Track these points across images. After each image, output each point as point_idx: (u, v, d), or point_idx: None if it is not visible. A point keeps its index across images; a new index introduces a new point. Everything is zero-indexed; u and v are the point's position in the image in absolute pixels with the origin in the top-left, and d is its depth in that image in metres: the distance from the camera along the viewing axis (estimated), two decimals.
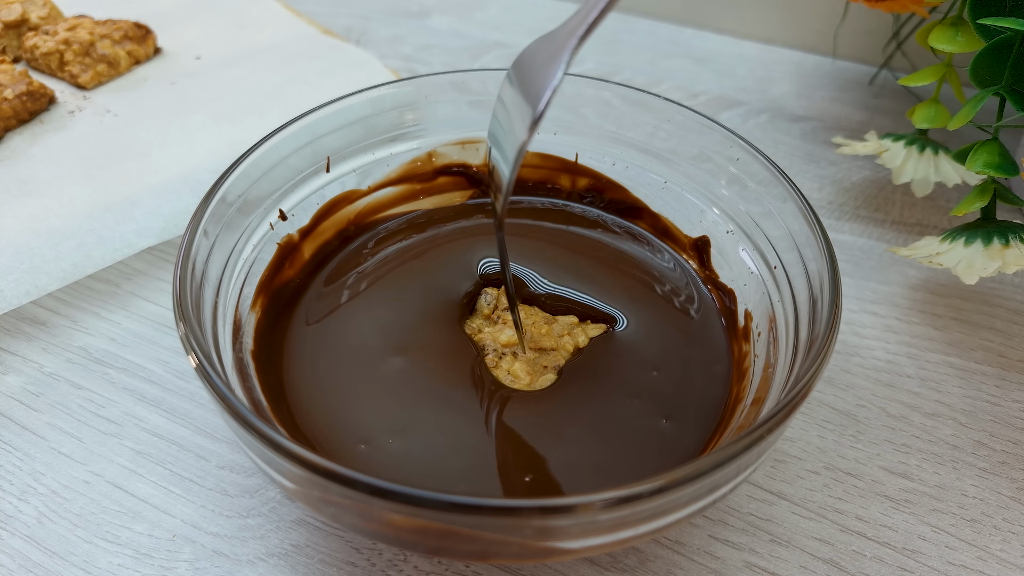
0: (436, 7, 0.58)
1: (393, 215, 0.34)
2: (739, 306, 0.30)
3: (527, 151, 0.35)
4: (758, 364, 0.27)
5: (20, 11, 0.46)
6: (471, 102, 0.34)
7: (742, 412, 0.26)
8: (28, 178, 0.37)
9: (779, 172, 0.28)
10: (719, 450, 0.20)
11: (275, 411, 0.26)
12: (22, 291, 0.33)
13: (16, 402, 0.31)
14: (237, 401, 0.21)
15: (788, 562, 0.26)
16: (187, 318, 0.23)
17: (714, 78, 0.50)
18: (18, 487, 0.28)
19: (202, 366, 0.22)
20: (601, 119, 0.33)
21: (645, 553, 0.26)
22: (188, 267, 0.24)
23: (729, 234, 0.30)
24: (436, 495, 0.19)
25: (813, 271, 0.25)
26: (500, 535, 0.20)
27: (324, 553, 0.26)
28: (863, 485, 0.28)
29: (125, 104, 0.42)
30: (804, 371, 0.22)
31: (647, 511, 0.20)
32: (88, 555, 0.26)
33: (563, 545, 0.21)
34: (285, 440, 0.20)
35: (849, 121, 0.47)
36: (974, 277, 0.31)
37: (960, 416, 0.31)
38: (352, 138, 0.32)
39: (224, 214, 0.27)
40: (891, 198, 0.41)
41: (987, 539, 0.27)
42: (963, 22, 0.34)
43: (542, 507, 0.19)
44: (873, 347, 0.33)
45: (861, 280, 0.36)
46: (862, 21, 0.50)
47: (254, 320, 0.29)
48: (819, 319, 0.24)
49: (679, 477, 0.19)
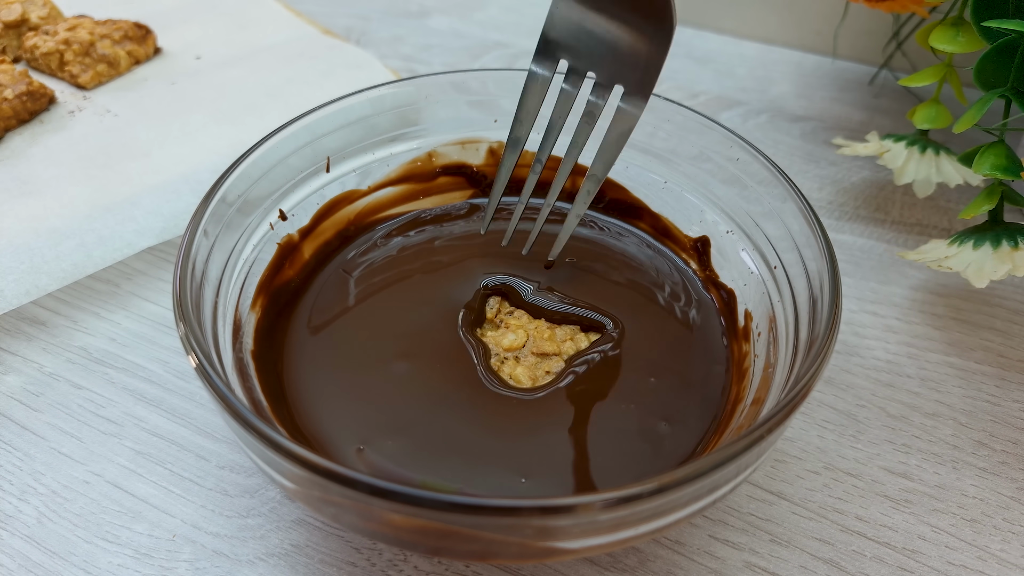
0: (436, 7, 0.58)
1: (393, 215, 0.34)
2: (739, 306, 0.30)
3: (530, 152, 0.35)
4: (758, 364, 0.27)
5: (20, 11, 0.46)
6: (471, 102, 0.34)
7: (742, 412, 0.26)
8: (28, 178, 0.37)
9: (779, 172, 0.28)
10: (719, 450, 0.20)
11: (275, 411, 0.26)
12: (22, 291, 0.33)
13: (16, 402, 0.31)
14: (237, 401, 0.21)
15: (788, 562, 0.26)
16: (187, 318, 0.23)
17: (714, 78, 0.50)
18: (18, 487, 0.28)
19: (202, 366, 0.22)
20: (601, 119, 0.33)
21: (645, 553, 0.26)
22: (188, 267, 0.24)
23: (729, 234, 0.30)
24: (436, 495, 0.19)
25: (813, 271, 0.25)
26: (500, 535, 0.20)
27: (324, 553, 0.26)
28: (863, 485, 0.28)
29: (125, 104, 0.42)
30: (804, 371, 0.22)
31: (647, 511, 0.20)
32: (88, 555, 0.26)
33: (563, 545, 0.21)
34: (285, 440, 0.20)
35: (849, 121, 0.47)
36: (984, 280, 0.31)
37: (960, 416, 0.31)
38: (352, 138, 0.32)
39: (224, 214, 0.27)
40: (891, 198, 0.41)
41: (987, 539, 0.27)
42: (964, 22, 0.34)
43: (542, 507, 0.19)
44: (873, 347, 0.33)
45: (861, 280, 0.36)
46: (862, 21, 0.50)
47: (254, 320, 0.29)
48: (819, 319, 0.24)
49: (679, 477, 0.19)
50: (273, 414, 0.26)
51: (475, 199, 0.35)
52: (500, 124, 0.34)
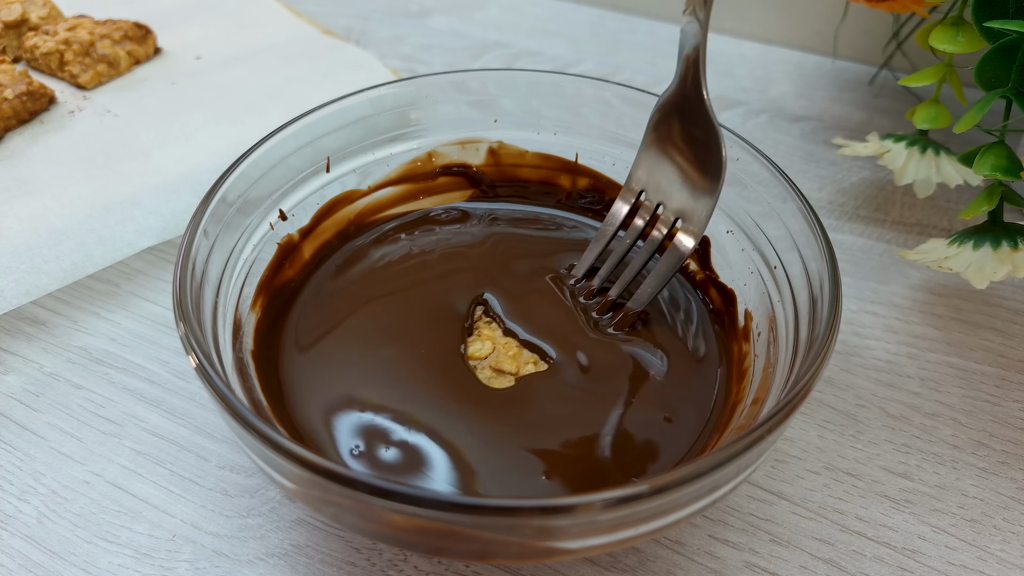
0: (436, 7, 0.58)
1: (393, 215, 0.34)
2: (739, 306, 0.30)
3: (530, 153, 0.35)
4: (758, 364, 0.27)
5: (20, 11, 0.46)
6: (471, 102, 0.34)
7: (742, 412, 0.26)
8: (28, 178, 0.37)
9: (779, 172, 0.28)
10: (719, 450, 0.20)
11: (275, 411, 0.26)
12: (22, 291, 0.33)
13: (16, 402, 0.31)
14: (237, 401, 0.21)
15: (788, 562, 0.26)
16: (187, 318, 0.23)
17: (714, 78, 0.50)
18: (18, 487, 0.28)
19: (202, 366, 0.22)
20: (601, 119, 0.33)
21: (645, 553, 0.26)
22: (188, 267, 0.24)
23: (729, 234, 0.30)
24: (436, 495, 0.19)
25: (813, 271, 0.25)
26: (500, 535, 0.20)
27: (324, 553, 0.26)
28: (863, 485, 0.28)
29: (125, 104, 0.42)
30: (804, 371, 0.22)
31: (647, 511, 0.20)
32: (88, 555, 0.26)
33: (563, 545, 0.21)
34: (285, 440, 0.20)
35: (849, 121, 0.47)
36: (984, 281, 0.31)
37: (960, 416, 0.31)
38: (352, 138, 0.32)
39: (224, 214, 0.27)
40: (891, 198, 0.41)
41: (987, 539, 0.27)
42: (964, 22, 0.34)
43: (542, 507, 0.19)
44: (873, 347, 0.33)
45: (861, 280, 0.36)
46: (862, 21, 0.50)
47: (254, 320, 0.29)
48: (819, 319, 0.24)
49: (679, 477, 0.19)
50: (273, 414, 0.26)
51: (475, 200, 0.35)
52: (500, 124, 0.34)
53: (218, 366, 0.23)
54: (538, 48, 0.54)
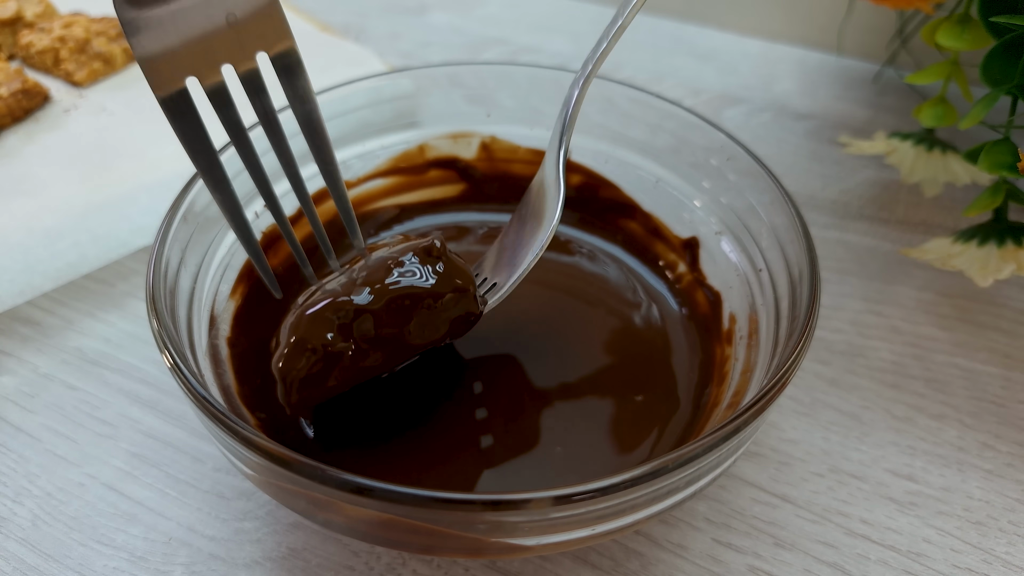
0: (435, 3, 0.58)
1: (382, 207, 0.34)
2: (724, 310, 0.29)
3: (523, 148, 0.35)
4: (737, 368, 0.27)
5: (15, 8, 0.45)
6: (464, 95, 0.33)
7: (717, 416, 0.26)
8: (23, 177, 0.37)
9: (767, 171, 0.28)
10: (676, 453, 0.19)
11: (251, 398, 0.26)
12: (16, 291, 0.32)
13: (10, 403, 0.30)
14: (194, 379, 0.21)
15: (792, 566, 0.26)
16: (160, 313, 0.23)
17: (717, 75, 0.50)
18: (13, 489, 0.28)
19: (176, 365, 0.22)
20: (602, 117, 0.33)
21: (647, 557, 0.26)
22: (163, 255, 0.25)
23: (718, 235, 0.30)
24: (383, 485, 0.18)
25: (795, 274, 0.25)
26: (453, 529, 0.20)
27: (321, 557, 0.26)
28: (868, 488, 0.28)
29: (121, 102, 0.42)
30: (780, 364, 0.22)
31: (601, 511, 0.20)
32: (83, 558, 0.26)
33: (520, 542, 0.21)
34: (240, 424, 0.20)
35: (853, 119, 0.46)
36: (989, 279, 0.30)
37: (966, 418, 0.30)
38: (344, 129, 0.32)
39: (206, 202, 0.27)
40: (896, 197, 0.41)
41: (993, 542, 0.27)
42: (969, 19, 0.34)
43: (492, 501, 0.19)
44: (878, 348, 0.33)
45: (866, 280, 0.36)
46: (867, 18, 0.49)
47: (233, 307, 0.29)
48: (799, 310, 0.24)
49: (630, 478, 0.19)
50: (245, 401, 0.26)
51: (465, 194, 0.35)
52: (493, 118, 0.34)
53: (189, 358, 0.23)
54: (538, 44, 0.53)
